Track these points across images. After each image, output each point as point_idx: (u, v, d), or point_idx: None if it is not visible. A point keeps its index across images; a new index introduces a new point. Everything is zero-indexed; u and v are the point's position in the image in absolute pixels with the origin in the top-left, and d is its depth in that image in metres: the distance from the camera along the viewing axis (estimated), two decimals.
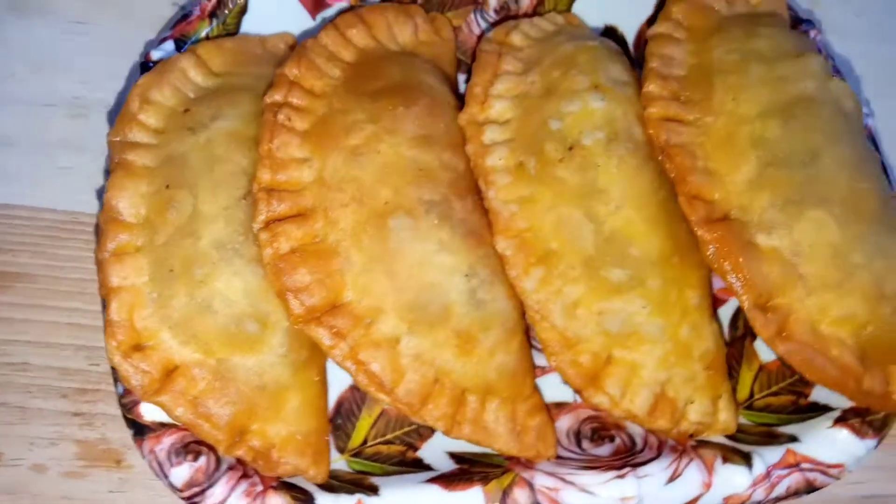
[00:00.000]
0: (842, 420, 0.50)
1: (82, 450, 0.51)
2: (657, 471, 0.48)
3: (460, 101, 0.55)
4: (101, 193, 0.49)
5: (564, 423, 0.53)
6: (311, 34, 0.58)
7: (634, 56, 0.61)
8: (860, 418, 0.50)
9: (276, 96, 0.49)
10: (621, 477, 0.48)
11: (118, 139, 0.48)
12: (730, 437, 0.51)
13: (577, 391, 0.49)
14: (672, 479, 0.48)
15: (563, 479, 0.48)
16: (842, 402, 0.52)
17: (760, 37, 0.53)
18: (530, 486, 0.47)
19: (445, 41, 0.58)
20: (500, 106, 0.52)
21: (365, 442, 0.52)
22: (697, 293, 0.51)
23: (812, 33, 0.59)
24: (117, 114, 0.50)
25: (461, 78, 0.59)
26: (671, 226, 0.51)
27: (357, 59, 0.53)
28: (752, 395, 0.55)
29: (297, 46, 0.52)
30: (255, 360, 0.46)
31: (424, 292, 0.47)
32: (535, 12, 0.61)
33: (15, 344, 0.53)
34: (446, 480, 0.48)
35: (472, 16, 0.61)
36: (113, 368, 0.45)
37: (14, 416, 0.51)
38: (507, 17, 0.61)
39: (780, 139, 0.49)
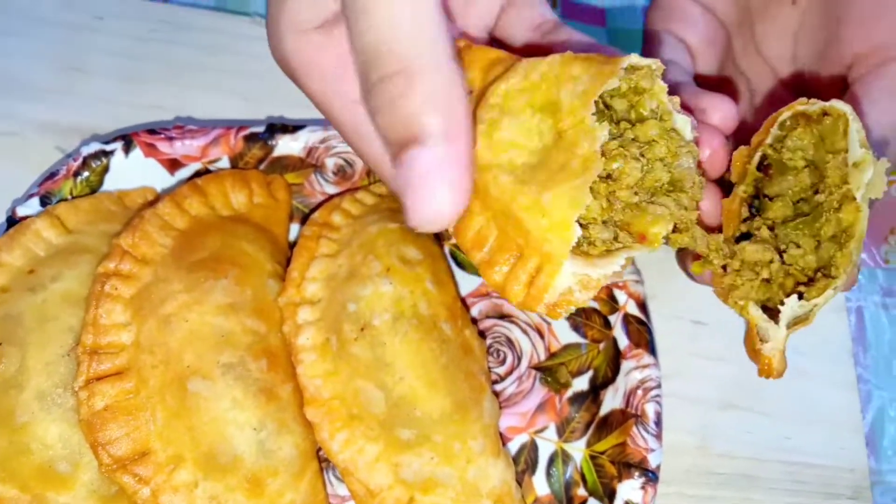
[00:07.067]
0: None
1: None
2: None
3: (291, 248, 0.65)
4: None
5: None
6: (169, 190, 0.67)
7: None
8: None
9: (109, 265, 0.57)
10: None
11: None
12: None
13: None
14: None
15: None
16: None
17: None
18: None
19: (280, 202, 0.67)
20: (313, 288, 0.61)
21: None
22: (480, 441, 0.60)
23: None
24: None
25: (295, 228, 0.69)
26: (452, 387, 0.59)
27: (189, 227, 0.62)
28: None
29: (136, 216, 0.61)
30: (67, 496, 0.54)
31: (218, 444, 0.55)
32: (369, 174, 0.70)
33: None
34: None
35: (312, 176, 0.70)
36: None
37: None
38: (343, 177, 0.70)
39: None
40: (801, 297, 0.43)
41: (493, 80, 0.46)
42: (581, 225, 0.42)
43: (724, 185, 0.49)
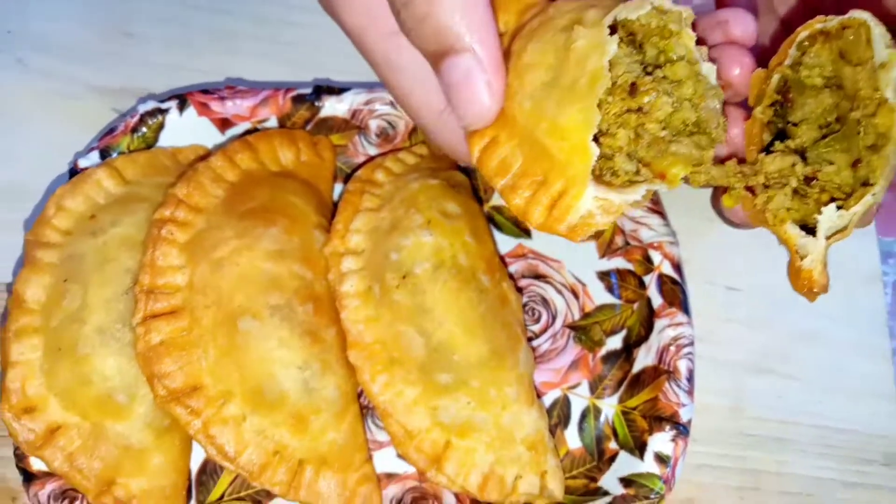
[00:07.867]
0: None
1: None
2: None
3: (335, 206, 0.67)
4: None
5: (391, 491, 0.63)
6: (220, 146, 0.70)
7: None
8: None
9: (165, 212, 0.60)
10: None
11: (32, 238, 0.60)
12: None
13: (421, 473, 0.60)
14: None
15: None
16: (618, 488, 0.62)
17: None
18: None
19: (325, 161, 0.70)
20: (357, 239, 0.63)
21: (222, 497, 0.62)
22: (515, 389, 0.62)
23: None
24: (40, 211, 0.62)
25: (338, 188, 0.71)
26: (489, 335, 0.61)
27: (239, 179, 0.64)
28: None
29: (190, 169, 0.64)
30: (123, 425, 0.57)
31: (265, 381, 0.57)
32: (410, 136, 0.73)
33: None
34: None
35: (356, 137, 0.73)
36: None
37: None
38: (385, 139, 0.73)
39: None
40: (839, 209, 0.44)
41: (527, 20, 0.48)
42: (606, 156, 0.44)
43: (750, 111, 0.50)
